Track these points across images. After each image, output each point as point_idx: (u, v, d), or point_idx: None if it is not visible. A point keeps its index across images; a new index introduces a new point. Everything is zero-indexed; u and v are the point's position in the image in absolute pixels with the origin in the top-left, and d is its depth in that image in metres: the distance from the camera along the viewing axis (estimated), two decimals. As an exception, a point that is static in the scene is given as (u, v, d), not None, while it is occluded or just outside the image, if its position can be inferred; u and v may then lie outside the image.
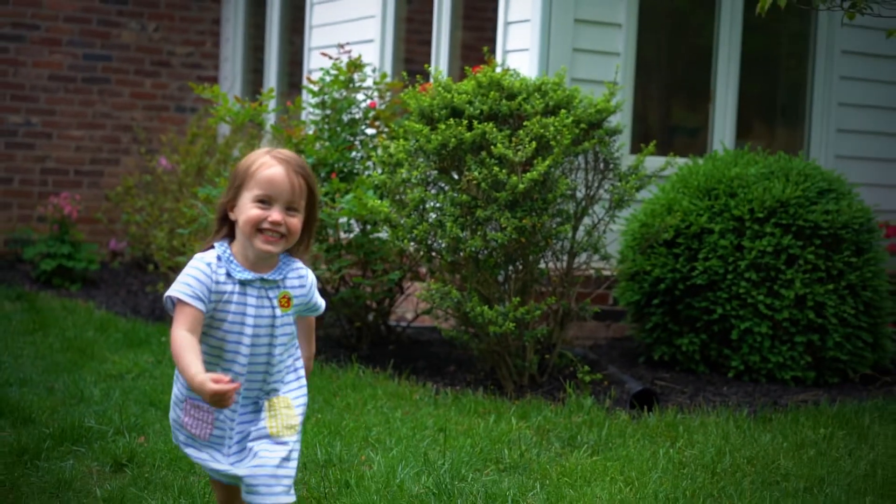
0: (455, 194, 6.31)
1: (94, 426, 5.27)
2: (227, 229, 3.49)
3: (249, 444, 3.45)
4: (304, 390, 3.61)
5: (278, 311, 3.46)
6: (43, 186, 11.48)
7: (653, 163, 7.08)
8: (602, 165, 6.64)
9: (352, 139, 7.56)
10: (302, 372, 3.63)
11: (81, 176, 11.63)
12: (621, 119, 7.83)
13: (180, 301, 3.33)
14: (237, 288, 3.42)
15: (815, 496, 4.65)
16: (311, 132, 7.73)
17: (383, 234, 7.04)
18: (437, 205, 6.44)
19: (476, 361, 6.95)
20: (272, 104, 9.08)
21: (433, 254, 6.57)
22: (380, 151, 6.99)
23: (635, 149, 7.78)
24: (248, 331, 3.42)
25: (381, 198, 6.66)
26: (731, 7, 8.44)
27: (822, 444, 5.39)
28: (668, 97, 9.28)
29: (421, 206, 6.43)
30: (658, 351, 7.27)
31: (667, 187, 7.42)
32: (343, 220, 7.08)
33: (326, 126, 7.59)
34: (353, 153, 7.52)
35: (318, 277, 7.05)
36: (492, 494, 4.52)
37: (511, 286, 6.49)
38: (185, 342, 3.28)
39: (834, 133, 8.92)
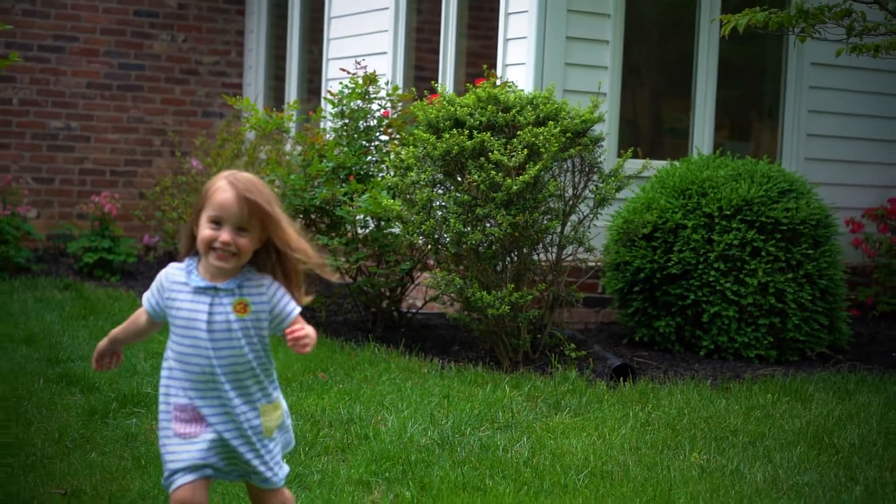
0: (458, 194, 7.26)
1: (151, 392, 6.20)
2: (195, 247, 3.70)
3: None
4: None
5: (233, 316, 3.61)
6: (81, 186, 12.43)
7: (633, 165, 8.01)
8: (587, 169, 7.58)
9: (367, 145, 8.49)
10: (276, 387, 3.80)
11: (117, 176, 12.59)
12: (607, 127, 8.73)
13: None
14: (190, 295, 3.65)
15: (756, 447, 5.59)
16: (330, 138, 8.67)
17: (395, 229, 7.99)
18: (443, 203, 7.39)
19: (477, 342, 7.90)
20: (291, 113, 10.01)
21: (439, 246, 7.52)
22: (392, 156, 7.96)
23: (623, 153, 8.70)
24: (203, 335, 3.61)
25: (393, 197, 7.61)
26: (708, 24, 9.34)
27: (768, 408, 6.34)
28: (652, 106, 10.21)
29: (428, 205, 7.38)
30: (639, 333, 8.21)
31: (647, 187, 8.34)
32: (360, 216, 8.02)
33: (345, 133, 8.54)
34: (369, 157, 8.45)
35: (337, 268, 8.05)
36: (486, 445, 5.46)
37: (507, 274, 7.44)
38: (133, 315, 3.88)
39: (804, 137, 9.84)
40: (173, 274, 3.71)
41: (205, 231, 3.59)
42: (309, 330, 3.62)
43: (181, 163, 11.57)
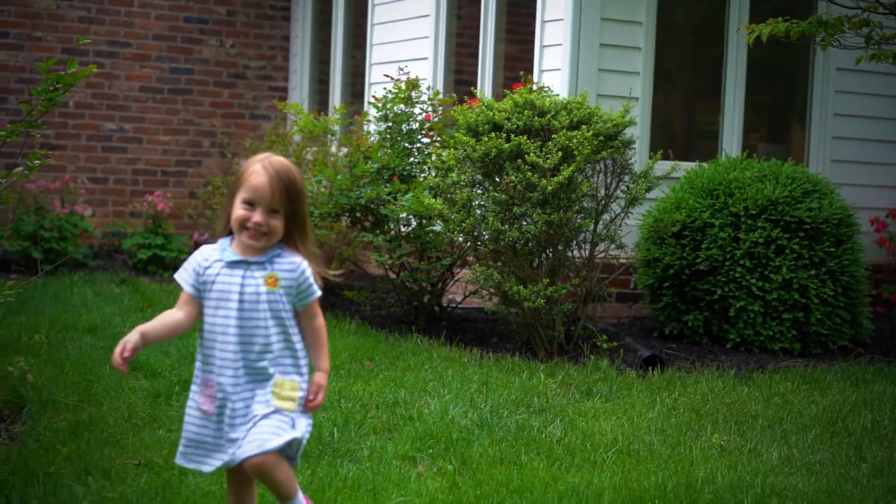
0: (496, 194, 7.70)
1: (210, 377, 6.66)
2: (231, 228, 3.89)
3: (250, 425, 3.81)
4: (305, 386, 3.91)
5: (263, 289, 3.81)
6: (134, 185, 12.95)
7: (662, 167, 8.42)
8: (618, 170, 7.99)
9: (410, 147, 8.94)
10: (305, 376, 3.92)
11: (168, 176, 13.09)
12: (638, 130, 9.14)
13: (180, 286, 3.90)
14: (224, 269, 3.83)
15: (773, 430, 5.99)
16: (375, 141, 9.12)
17: (437, 227, 8.44)
18: (482, 203, 7.83)
19: (514, 334, 8.33)
20: (337, 117, 10.48)
21: (478, 243, 7.96)
22: (434, 158, 8.41)
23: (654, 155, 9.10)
24: (234, 305, 3.79)
25: (435, 197, 8.05)
26: (737, 30, 9.72)
27: (788, 395, 6.74)
28: (683, 109, 10.62)
29: (468, 204, 7.82)
30: (669, 326, 8.61)
31: (676, 188, 8.74)
32: (403, 215, 8.46)
33: (388, 136, 8.98)
34: (411, 159, 8.89)
35: (381, 264, 8.49)
36: (522, 426, 5.89)
37: (542, 270, 7.86)
38: (162, 314, 3.87)
39: (830, 140, 10.21)
40: (207, 252, 3.89)
41: (239, 211, 3.79)
42: (322, 390, 3.87)
43: (231, 163, 12.04)
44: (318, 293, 3.92)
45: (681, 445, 5.61)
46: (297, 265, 3.86)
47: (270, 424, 3.77)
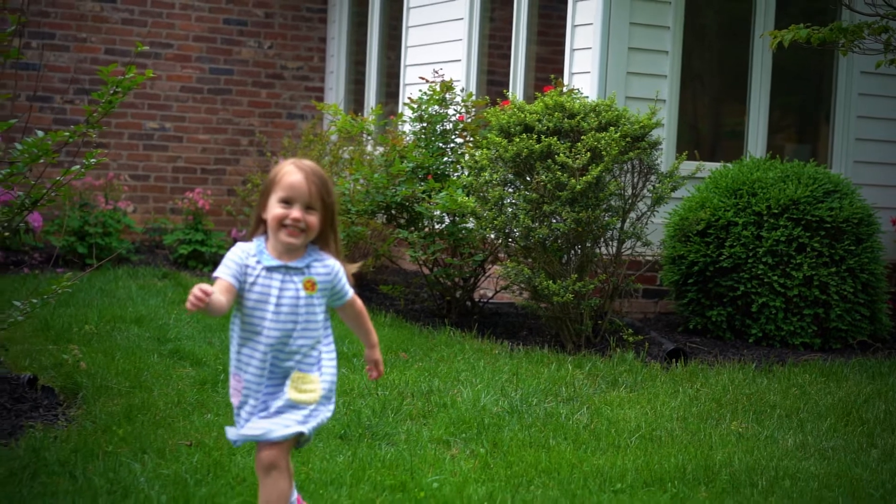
0: (527, 193, 8.01)
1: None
2: (263, 229, 4.01)
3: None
4: (330, 378, 4.06)
5: (302, 293, 3.94)
6: (174, 183, 13.32)
7: (688, 167, 8.71)
8: (645, 170, 8.29)
9: (444, 147, 9.26)
10: (326, 369, 4.05)
11: (207, 174, 13.46)
12: (665, 131, 9.43)
13: (217, 277, 3.93)
14: (263, 273, 3.92)
15: (790, 419, 6.29)
16: (410, 141, 9.45)
17: (469, 224, 8.75)
18: (513, 201, 8.15)
19: (543, 328, 8.64)
20: (374, 117, 10.81)
21: (510, 240, 8.28)
22: (467, 157, 8.73)
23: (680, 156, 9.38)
24: (271, 308, 3.91)
25: (468, 195, 8.37)
26: (762, 33, 9.98)
27: (805, 387, 7.03)
28: (709, 111, 10.90)
29: (500, 202, 8.13)
30: (693, 321, 8.90)
31: (701, 187, 9.03)
32: (437, 212, 8.78)
33: (423, 136, 9.31)
34: (445, 158, 9.21)
35: (416, 259, 8.82)
36: (550, 414, 6.20)
37: (571, 266, 8.17)
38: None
39: (853, 142, 10.46)
40: (246, 252, 3.95)
41: (277, 210, 3.90)
42: (380, 368, 4.23)
43: (271, 162, 12.39)
44: (351, 292, 4.09)
45: (701, 432, 5.92)
46: (331, 268, 4.00)
47: (283, 417, 3.93)
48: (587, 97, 8.69)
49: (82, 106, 12.76)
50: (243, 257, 3.94)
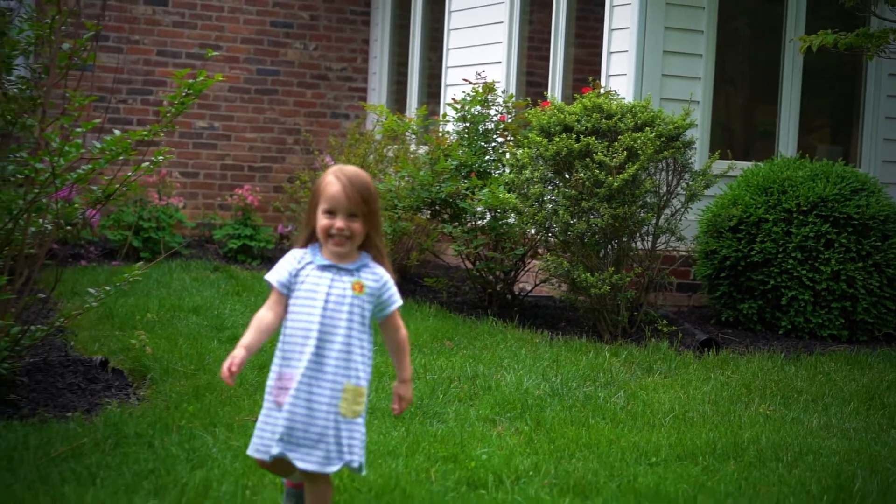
0: (566, 190, 8.42)
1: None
2: (315, 238, 4.16)
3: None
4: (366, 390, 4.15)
5: (349, 293, 4.08)
6: (223, 180, 13.79)
7: (720, 166, 9.09)
8: (679, 168, 8.68)
9: (485, 146, 9.67)
10: (368, 374, 4.16)
11: (254, 171, 13.92)
12: (699, 131, 9.80)
13: (270, 284, 4.15)
14: (314, 270, 4.09)
15: (816, 403, 6.67)
16: (453, 140, 9.87)
17: (510, 219, 9.16)
18: (552, 198, 8.56)
19: (581, 319, 9.03)
20: (418, 117, 11.23)
21: (549, 235, 8.68)
22: (508, 156, 9.15)
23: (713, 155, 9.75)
24: (319, 304, 4.05)
25: (509, 192, 8.78)
26: (794, 35, 10.33)
27: (831, 374, 7.41)
28: (741, 111, 11.27)
29: (540, 199, 8.55)
30: (725, 314, 9.28)
31: (733, 185, 9.40)
32: (479, 208, 9.19)
33: (466, 135, 9.72)
34: (487, 157, 9.62)
35: (459, 253, 9.23)
36: (589, 396, 6.60)
37: (608, 259, 8.57)
38: (255, 320, 4.12)
39: (882, 142, 10.81)
40: (299, 254, 4.14)
41: (322, 221, 4.07)
42: (406, 399, 4.23)
43: (318, 160, 12.82)
44: (399, 303, 4.20)
45: (730, 413, 6.31)
46: (380, 276, 4.14)
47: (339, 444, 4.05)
48: (624, 98, 9.09)
49: (118, 104, 13.26)
50: (295, 264, 4.12)
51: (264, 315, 4.13)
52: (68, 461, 4.94)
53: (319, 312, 4.05)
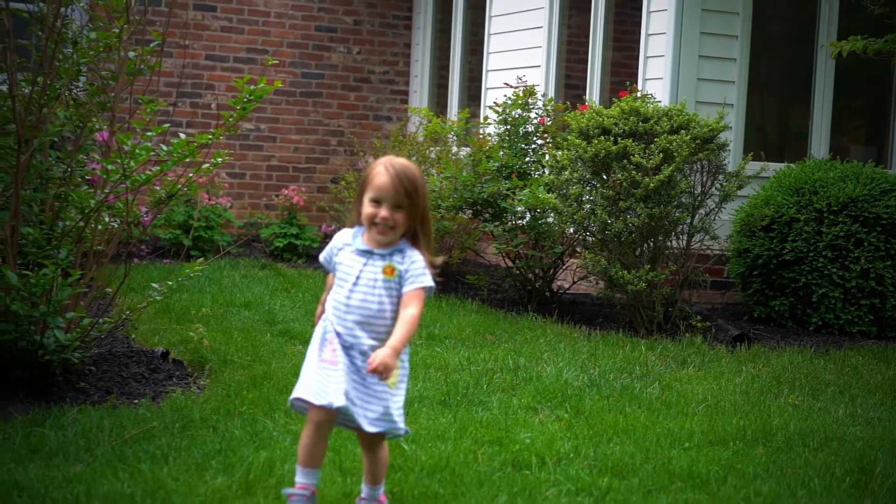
0: (604, 190, 8.76)
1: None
2: (361, 221, 4.41)
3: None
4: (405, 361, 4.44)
5: (381, 276, 4.33)
6: (268, 180, 14.19)
7: (753, 167, 9.40)
8: (713, 170, 9.00)
9: (526, 147, 10.02)
10: (406, 355, 4.44)
11: (298, 172, 14.32)
12: (733, 134, 10.11)
13: (323, 267, 4.54)
14: (352, 254, 4.38)
15: (843, 395, 6.98)
16: (495, 142, 10.22)
17: (549, 219, 9.50)
18: (590, 198, 8.90)
19: (618, 315, 9.36)
20: (460, 120, 11.59)
21: (587, 234, 9.02)
22: (548, 158, 9.49)
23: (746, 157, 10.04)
24: (348, 286, 4.33)
25: (549, 192, 9.12)
26: (826, 40, 10.61)
27: (859, 368, 7.71)
28: (774, 114, 11.57)
29: (579, 199, 8.89)
30: (757, 310, 9.59)
31: (766, 186, 9.71)
32: (520, 208, 9.54)
33: (507, 137, 10.07)
34: (527, 158, 9.97)
35: (500, 251, 9.58)
36: (626, 387, 6.93)
37: (644, 257, 8.90)
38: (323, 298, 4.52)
39: (912, 143, 11.10)
40: (344, 235, 4.45)
41: (367, 209, 4.30)
42: (381, 361, 4.18)
43: (360, 160, 13.19)
44: (425, 282, 4.35)
45: (761, 403, 6.63)
46: (410, 257, 4.35)
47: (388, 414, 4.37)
48: (660, 102, 9.42)
49: (168, 106, 13.67)
50: (338, 245, 4.43)
51: (324, 297, 4.48)
52: (140, 443, 5.32)
53: (347, 293, 4.32)
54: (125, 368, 6.90)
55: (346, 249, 4.41)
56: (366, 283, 4.33)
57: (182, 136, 6.38)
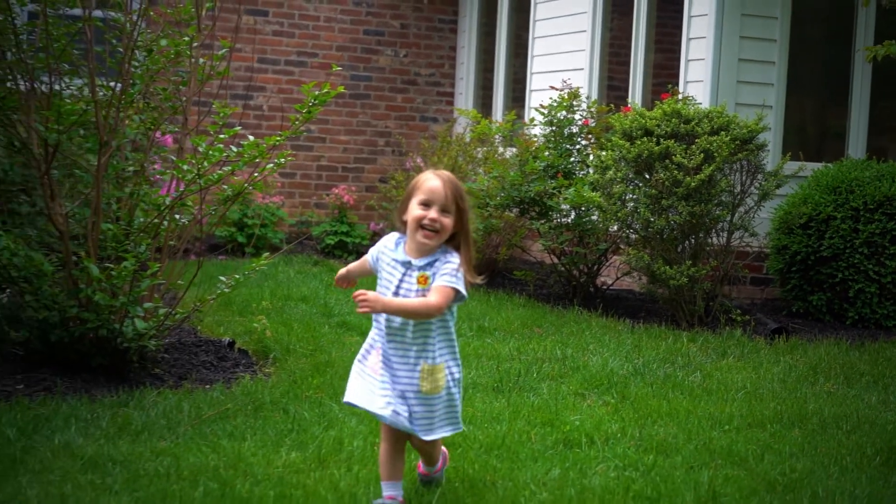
0: (647, 189, 9.12)
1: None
2: (403, 230, 4.59)
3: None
4: (459, 366, 4.65)
5: (415, 286, 4.49)
6: (318, 180, 14.62)
7: (791, 167, 9.73)
8: (752, 169, 9.34)
9: (570, 148, 10.39)
10: (456, 352, 4.64)
11: (347, 172, 14.74)
12: (771, 134, 10.44)
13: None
14: (392, 262, 4.57)
15: (876, 384, 7.32)
16: (541, 143, 10.60)
17: (594, 217, 9.87)
18: (634, 196, 9.27)
19: (660, 310, 9.72)
20: (507, 122, 11.97)
21: (630, 231, 9.39)
22: (592, 158, 9.86)
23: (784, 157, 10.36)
24: (391, 290, 4.51)
25: (593, 191, 9.49)
26: (863, 42, 10.92)
27: (893, 359, 8.05)
28: (812, 115, 11.88)
29: (622, 197, 9.26)
30: (795, 305, 9.92)
31: (804, 185, 10.04)
32: (565, 207, 9.91)
33: (552, 138, 10.45)
34: (572, 158, 10.34)
35: (546, 247, 9.95)
36: (668, 375, 7.30)
37: (686, 254, 9.26)
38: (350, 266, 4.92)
39: (947, 143, 11.40)
40: (389, 242, 4.63)
41: (416, 211, 4.47)
42: (369, 295, 4.38)
43: (409, 160, 13.59)
44: (452, 285, 4.46)
45: (797, 390, 6.98)
46: (444, 261, 4.51)
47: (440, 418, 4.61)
48: (700, 104, 9.77)
49: (218, 109, 14.10)
50: (382, 248, 4.65)
51: (367, 260, 4.78)
52: (218, 422, 5.73)
53: (389, 295, 4.52)
54: (195, 356, 7.32)
55: (388, 254, 4.61)
56: (404, 294, 4.52)
57: (251, 138, 6.79)
